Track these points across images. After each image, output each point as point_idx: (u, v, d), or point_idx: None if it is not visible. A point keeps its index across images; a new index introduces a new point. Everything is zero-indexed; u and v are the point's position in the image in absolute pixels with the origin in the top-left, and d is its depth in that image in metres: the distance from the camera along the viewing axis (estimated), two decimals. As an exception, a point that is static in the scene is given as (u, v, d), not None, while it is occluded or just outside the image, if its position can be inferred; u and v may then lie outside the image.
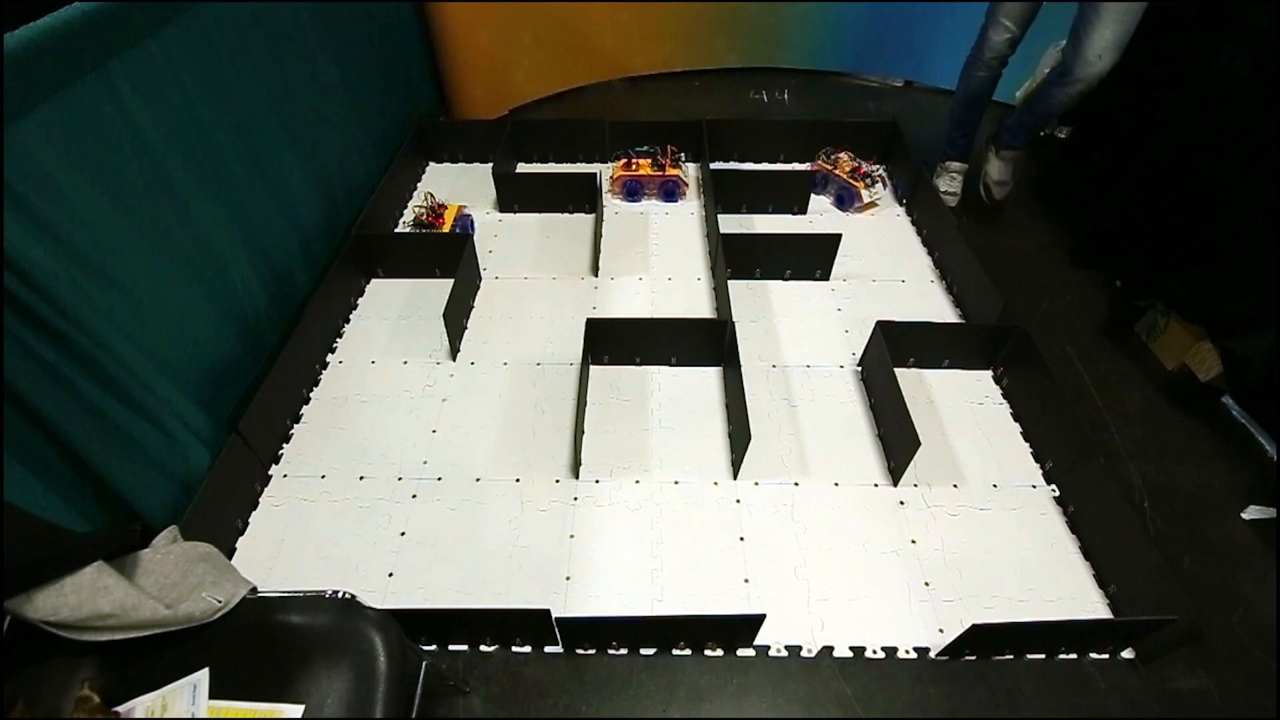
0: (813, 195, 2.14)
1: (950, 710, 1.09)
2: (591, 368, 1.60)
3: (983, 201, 2.08)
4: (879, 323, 1.51)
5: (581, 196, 2.08)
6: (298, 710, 0.72)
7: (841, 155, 2.17)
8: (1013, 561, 1.26)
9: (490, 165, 2.15)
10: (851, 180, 2.08)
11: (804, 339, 1.69)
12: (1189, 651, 1.14)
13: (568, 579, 1.23)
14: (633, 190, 2.15)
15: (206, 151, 1.31)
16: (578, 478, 1.39)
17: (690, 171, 2.26)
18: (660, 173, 2.11)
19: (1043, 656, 1.15)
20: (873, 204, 2.13)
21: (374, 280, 1.87)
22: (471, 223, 2.02)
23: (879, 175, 2.11)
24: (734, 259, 1.79)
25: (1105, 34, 1.59)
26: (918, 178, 2.05)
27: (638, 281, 1.87)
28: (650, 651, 1.16)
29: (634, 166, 2.14)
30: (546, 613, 1.06)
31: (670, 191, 2.14)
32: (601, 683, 1.12)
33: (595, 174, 2.04)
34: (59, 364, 0.97)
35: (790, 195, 2.07)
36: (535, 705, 1.09)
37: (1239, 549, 1.31)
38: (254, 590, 0.81)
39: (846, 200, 2.11)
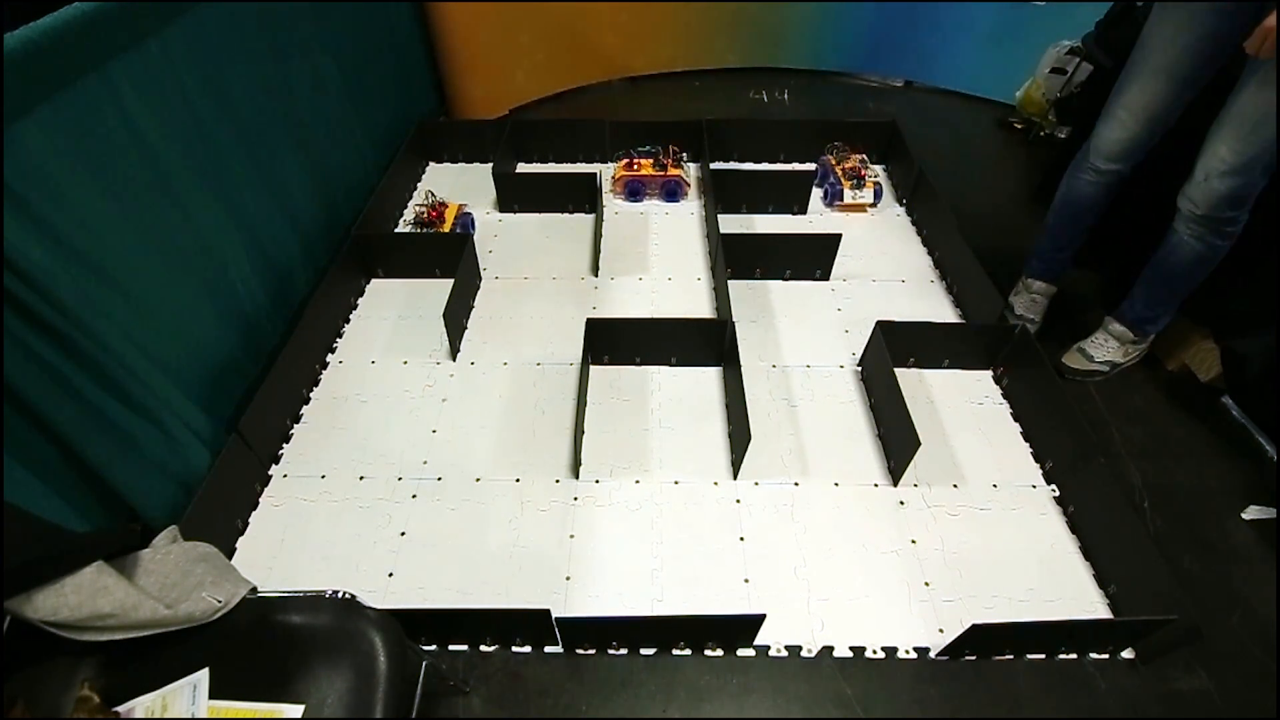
0: (814, 186, 2.15)
1: (950, 710, 1.09)
2: (591, 368, 1.60)
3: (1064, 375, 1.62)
4: (879, 323, 1.51)
5: (581, 196, 2.08)
6: (298, 710, 0.72)
7: (854, 156, 2.16)
8: (1013, 561, 1.26)
9: (490, 165, 2.15)
10: (842, 179, 2.08)
11: (804, 339, 1.69)
12: (1189, 651, 1.14)
13: (568, 579, 1.23)
14: (635, 190, 2.15)
15: (206, 151, 1.31)
16: (578, 478, 1.39)
17: (691, 171, 2.26)
18: (662, 173, 2.11)
19: (1043, 656, 1.15)
20: (858, 207, 2.10)
21: (374, 280, 1.87)
22: (472, 221, 2.02)
23: (873, 181, 2.08)
24: (734, 259, 1.79)
25: (1220, 150, 1.25)
26: (918, 178, 2.05)
27: (638, 281, 1.87)
28: (650, 651, 1.16)
29: (636, 166, 2.14)
30: (546, 613, 1.06)
31: (672, 191, 2.14)
32: (601, 683, 1.12)
33: (595, 174, 2.04)
34: (59, 364, 0.98)
35: (790, 195, 2.07)
36: (535, 705, 1.09)
37: (1239, 549, 1.31)
38: (254, 590, 0.81)
39: (830, 196, 2.11)
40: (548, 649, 1.16)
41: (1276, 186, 1.38)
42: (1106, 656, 1.15)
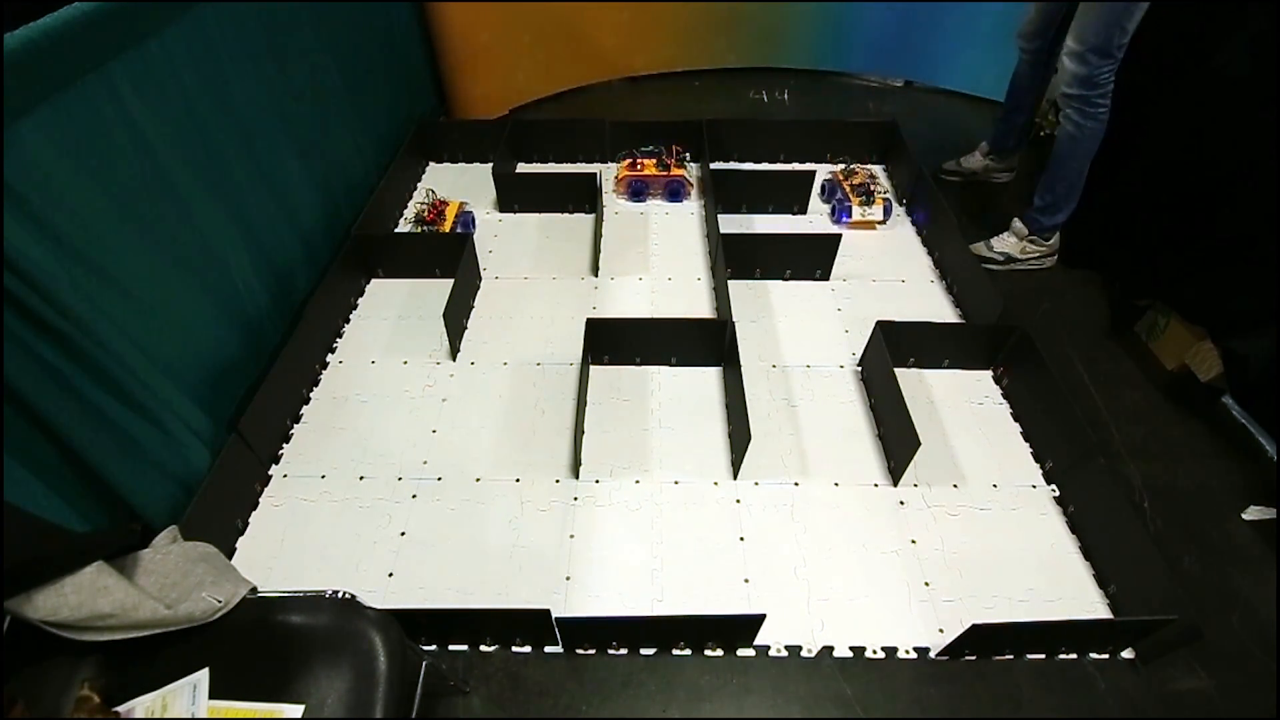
0: (822, 201, 2.12)
1: (950, 710, 1.09)
2: (591, 368, 1.60)
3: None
4: (879, 323, 1.51)
5: (581, 196, 2.08)
6: (298, 710, 0.72)
7: (861, 170, 2.10)
8: (1013, 561, 1.26)
9: (490, 165, 2.15)
10: (851, 195, 2.01)
11: (804, 339, 1.69)
12: (1189, 651, 1.14)
13: (568, 579, 1.23)
14: (638, 190, 2.15)
15: (207, 151, 1.31)
16: (578, 478, 1.39)
17: (693, 171, 2.25)
18: (665, 173, 2.11)
19: (1043, 656, 1.15)
20: (867, 224, 2.03)
21: (374, 280, 1.87)
22: (472, 219, 2.02)
23: (883, 197, 2.01)
24: (734, 259, 1.79)
25: (1068, 41, 1.60)
26: (918, 178, 2.05)
27: (638, 281, 1.87)
28: (650, 651, 1.16)
29: (639, 166, 2.14)
30: (546, 613, 1.06)
31: (675, 191, 2.13)
32: (601, 683, 1.12)
33: (595, 174, 2.04)
34: (59, 364, 0.98)
35: (790, 195, 2.07)
36: (535, 705, 1.09)
37: (1239, 549, 1.31)
38: (254, 590, 0.81)
39: (838, 213, 2.04)
40: (548, 649, 1.16)
41: (1274, 185, 1.38)
42: (1106, 656, 1.15)
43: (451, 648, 1.16)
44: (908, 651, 1.15)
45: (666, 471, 1.40)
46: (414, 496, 1.36)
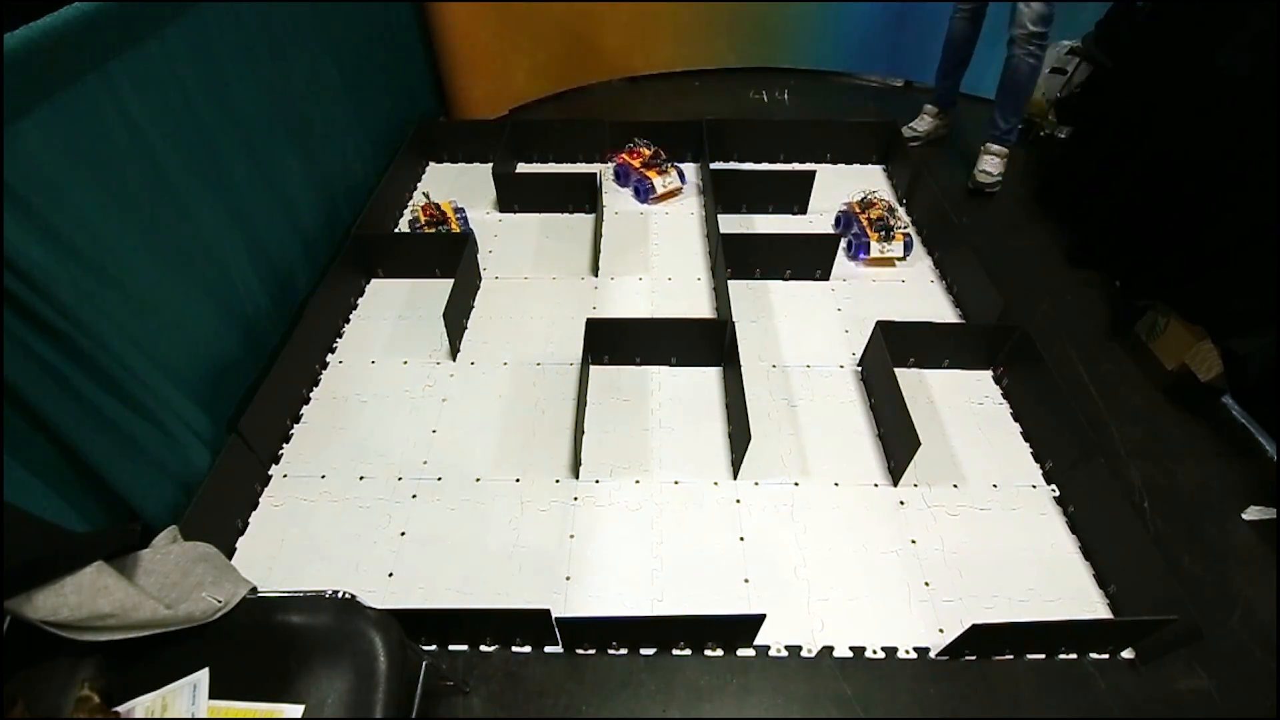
0: (834, 231, 2.03)
1: (950, 710, 1.09)
2: (591, 368, 1.60)
3: (969, 189, 2.25)
4: (879, 323, 1.51)
5: (581, 196, 2.08)
6: (298, 710, 0.72)
7: (881, 202, 1.95)
8: (1013, 561, 1.26)
9: (490, 165, 2.15)
10: (869, 230, 1.88)
11: (804, 339, 1.69)
12: (1189, 651, 1.14)
13: (568, 579, 1.23)
14: (619, 175, 2.22)
15: (206, 151, 1.31)
16: (578, 478, 1.39)
17: (683, 176, 2.23)
18: (641, 170, 2.12)
19: (1043, 656, 1.15)
20: (886, 261, 1.90)
21: (374, 280, 1.87)
22: (465, 220, 2.02)
23: (903, 233, 1.88)
24: (734, 259, 1.79)
25: None
26: (917, 178, 2.05)
27: (638, 281, 1.87)
28: (650, 651, 1.16)
29: (636, 156, 2.16)
30: (546, 613, 1.06)
31: (638, 190, 2.16)
32: (601, 683, 1.12)
33: (595, 174, 2.04)
34: (59, 364, 0.98)
35: (790, 195, 2.07)
36: (535, 705, 1.09)
37: (1239, 549, 1.31)
38: (254, 590, 0.81)
39: (854, 249, 1.91)
40: (548, 649, 1.16)
41: (1275, 185, 1.38)
42: (1106, 656, 1.15)
43: (451, 648, 1.16)
44: (908, 651, 1.15)
45: (666, 471, 1.40)
46: (414, 496, 1.36)
